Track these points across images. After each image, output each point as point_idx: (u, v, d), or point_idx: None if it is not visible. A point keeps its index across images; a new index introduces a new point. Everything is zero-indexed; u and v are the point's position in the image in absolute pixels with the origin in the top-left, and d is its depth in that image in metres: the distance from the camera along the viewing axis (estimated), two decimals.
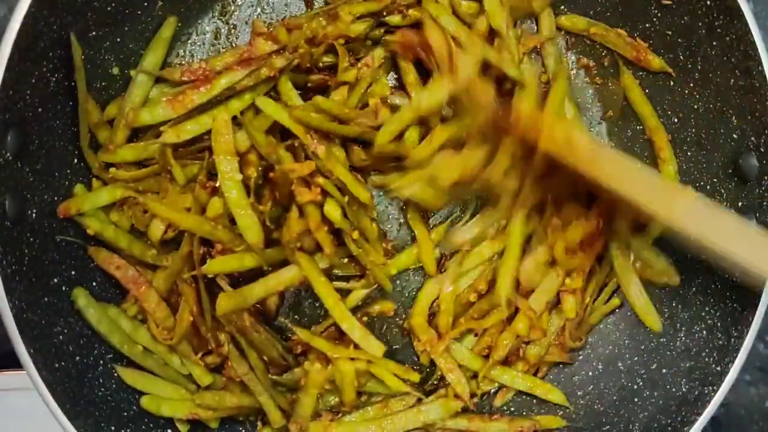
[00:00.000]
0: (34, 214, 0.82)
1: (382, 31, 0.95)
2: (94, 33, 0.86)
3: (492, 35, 0.95)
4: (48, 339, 0.81)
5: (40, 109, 0.81)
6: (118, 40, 0.90)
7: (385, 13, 0.94)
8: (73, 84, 0.85)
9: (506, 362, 0.97)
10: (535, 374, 0.99)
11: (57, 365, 0.81)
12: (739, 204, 0.87)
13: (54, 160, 0.85)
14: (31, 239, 0.81)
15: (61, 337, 0.83)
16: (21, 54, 0.75)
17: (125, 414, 0.87)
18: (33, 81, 0.79)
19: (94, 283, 0.90)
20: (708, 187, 0.92)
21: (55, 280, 0.85)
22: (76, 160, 0.88)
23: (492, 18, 0.93)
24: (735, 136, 0.87)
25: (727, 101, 0.87)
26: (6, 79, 0.74)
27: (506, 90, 0.94)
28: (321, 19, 0.91)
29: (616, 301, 0.98)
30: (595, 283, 0.97)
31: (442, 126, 0.91)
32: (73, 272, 0.87)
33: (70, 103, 0.86)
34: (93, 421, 0.82)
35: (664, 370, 0.91)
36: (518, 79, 0.92)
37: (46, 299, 0.82)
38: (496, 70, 0.92)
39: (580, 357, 1.00)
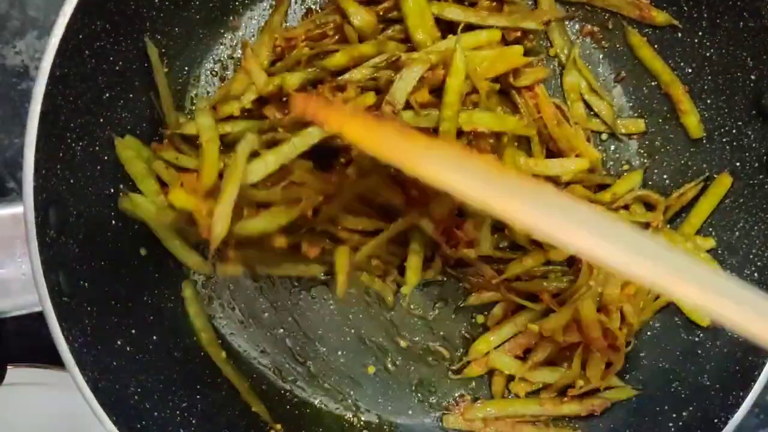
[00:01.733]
0: (86, 284, 0.83)
1: None
2: (107, 95, 0.86)
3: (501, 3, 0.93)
4: (125, 401, 0.82)
5: (72, 180, 0.82)
6: (131, 96, 0.90)
7: None
8: (97, 148, 0.86)
9: (551, 362, 0.95)
10: None
11: (138, 426, 0.82)
12: None
13: (94, 228, 0.85)
14: (89, 309, 0.82)
15: (136, 397, 0.84)
16: (46, 132, 0.75)
17: None
18: (61, 155, 0.80)
19: (154, 337, 0.91)
20: (734, 131, 0.91)
21: (119, 342, 0.86)
22: (114, 221, 0.89)
23: None
24: (753, 77, 0.87)
25: (739, 44, 0.87)
26: (37, 160, 0.74)
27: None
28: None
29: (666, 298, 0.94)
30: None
31: None
32: (133, 331, 0.88)
33: (98, 167, 0.86)
34: None
35: None
36: (539, 29, 0.92)
37: (114, 363, 0.84)
38: (513, 34, 0.91)
39: None
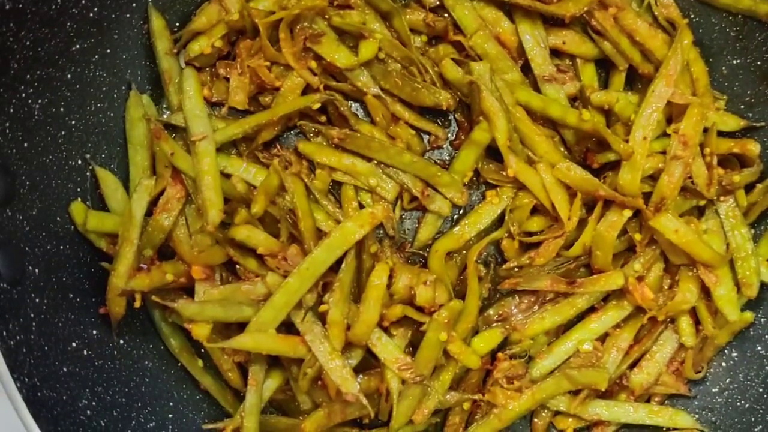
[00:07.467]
0: (36, 270, 0.68)
1: None
2: (77, 46, 0.73)
3: None
4: (72, 418, 0.67)
5: (25, 144, 0.68)
6: (108, 51, 0.77)
7: None
8: (62, 109, 0.72)
9: (605, 394, 0.80)
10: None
11: None
12: None
13: (52, 203, 0.71)
14: (37, 300, 0.67)
15: (89, 412, 0.69)
16: None
17: None
18: (11, 110, 0.66)
19: (121, 341, 0.76)
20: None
21: (74, 344, 0.71)
22: (79, 199, 0.74)
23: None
24: None
25: None
26: None
27: None
28: None
29: (747, 316, 0.80)
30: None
31: None
32: (95, 332, 0.73)
33: (62, 133, 0.72)
34: None
35: None
36: None
37: (65, 369, 0.68)
38: None
39: None
